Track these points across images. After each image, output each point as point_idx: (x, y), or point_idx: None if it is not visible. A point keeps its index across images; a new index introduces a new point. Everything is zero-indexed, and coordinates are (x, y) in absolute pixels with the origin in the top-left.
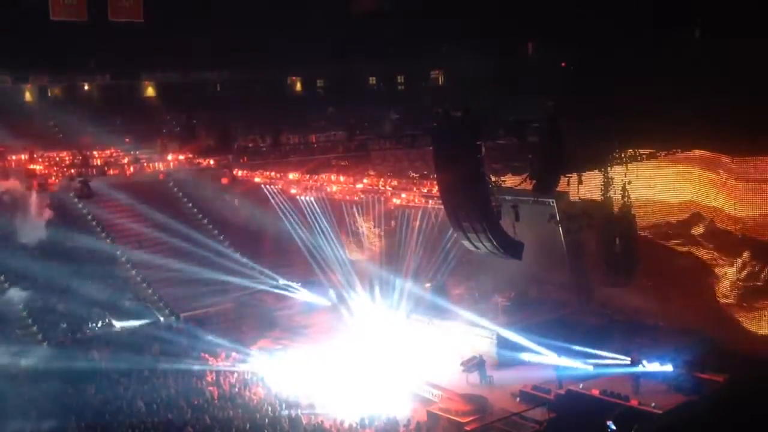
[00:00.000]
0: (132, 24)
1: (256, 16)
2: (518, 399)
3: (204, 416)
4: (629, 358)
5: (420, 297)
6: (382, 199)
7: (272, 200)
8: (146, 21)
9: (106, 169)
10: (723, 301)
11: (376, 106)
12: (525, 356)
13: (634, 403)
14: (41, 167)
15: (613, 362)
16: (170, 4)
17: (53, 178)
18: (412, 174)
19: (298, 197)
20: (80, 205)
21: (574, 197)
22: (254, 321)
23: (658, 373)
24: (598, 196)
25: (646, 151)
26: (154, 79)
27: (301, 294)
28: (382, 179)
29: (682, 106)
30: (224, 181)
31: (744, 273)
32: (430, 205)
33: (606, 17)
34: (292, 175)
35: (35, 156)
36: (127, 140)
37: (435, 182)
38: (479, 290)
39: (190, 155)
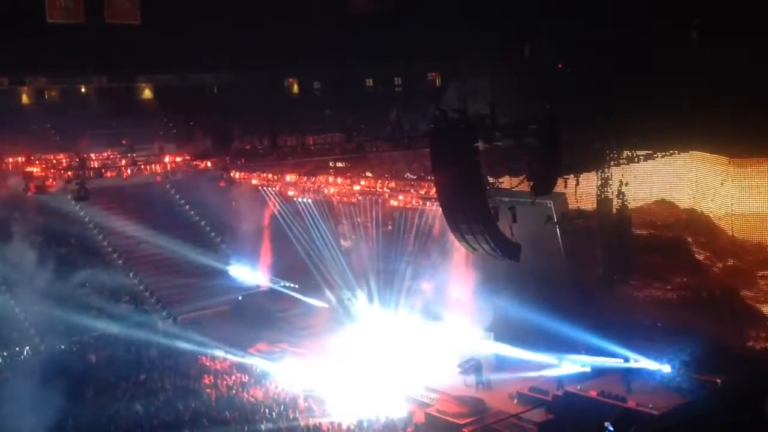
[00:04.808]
0: (129, 26)
1: (254, 18)
2: (516, 401)
3: (202, 419)
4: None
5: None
6: (380, 200)
7: (270, 202)
8: (143, 23)
9: (103, 171)
10: None
11: (373, 107)
12: (522, 358)
13: (631, 404)
14: (38, 169)
15: (609, 361)
16: (167, 6)
17: (50, 181)
18: (409, 176)
19: (295, 199)
20: (77, 207)
21: (571, 198)
22: (252, 323)
23: (655, 374)
24: (595, 197)
25: (644, 152)
26: (151, 82)
27: (298, 296)
28: (379, 181)
29: (679, 107)
30: (222, 183)
31: None
32: (427, 207)
33: (604, 18)
34: (289, 177)
35: (32, 158)
36: (124, 142)
37: (432, 184)
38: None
39: (188, 157)
